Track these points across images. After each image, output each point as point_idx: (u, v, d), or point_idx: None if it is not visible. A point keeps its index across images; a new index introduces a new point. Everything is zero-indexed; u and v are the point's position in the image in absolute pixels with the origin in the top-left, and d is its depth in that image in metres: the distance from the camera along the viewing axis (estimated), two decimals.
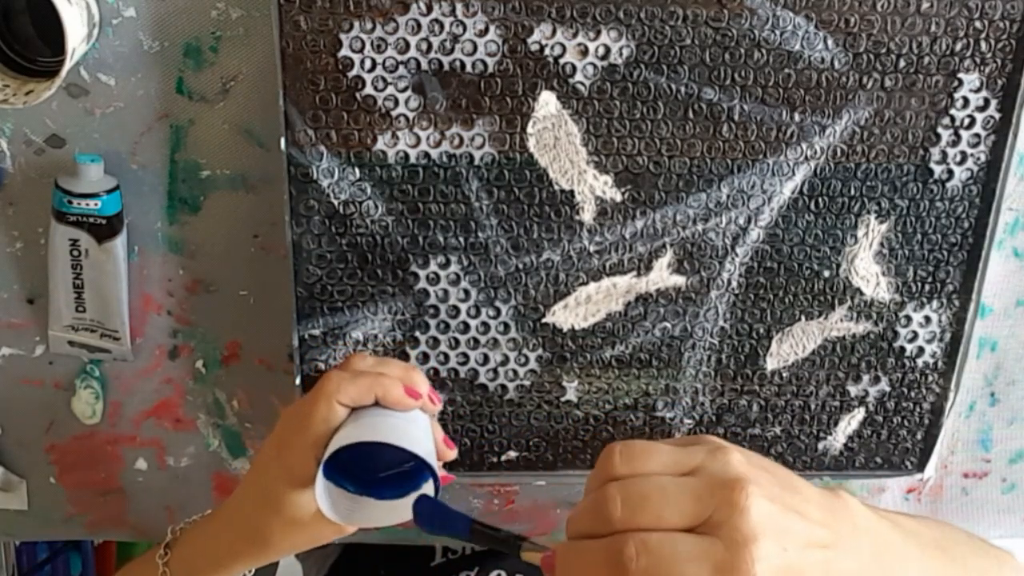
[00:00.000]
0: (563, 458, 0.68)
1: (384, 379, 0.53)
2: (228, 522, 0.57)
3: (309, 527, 0.53)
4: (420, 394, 0.54)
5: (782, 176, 0.61)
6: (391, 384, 0.53)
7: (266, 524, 0.54)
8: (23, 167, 0.61)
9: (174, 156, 0.61)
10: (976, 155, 0.61)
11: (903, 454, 0.69)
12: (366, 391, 0.52)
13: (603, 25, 0.57)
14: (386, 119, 0.58)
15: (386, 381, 0.53)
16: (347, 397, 0.52)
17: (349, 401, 0.52)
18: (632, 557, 0.37)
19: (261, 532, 0.54)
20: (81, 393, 0.67)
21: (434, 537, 0.76)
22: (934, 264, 0.64)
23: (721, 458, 0.39)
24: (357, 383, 0.52)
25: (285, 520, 0.53)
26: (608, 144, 0.60)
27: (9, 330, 0.65)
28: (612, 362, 0.65)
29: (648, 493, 0.38)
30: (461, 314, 0.63)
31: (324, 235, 0.61)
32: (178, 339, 0.66)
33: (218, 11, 0.58)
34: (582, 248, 0.62)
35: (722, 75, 0.58)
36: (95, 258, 0.61)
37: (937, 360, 0.66)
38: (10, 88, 0.56)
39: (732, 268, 0.63)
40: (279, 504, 0.53)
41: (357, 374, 0.53)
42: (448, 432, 0.66)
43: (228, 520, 0.57)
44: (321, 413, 0.51)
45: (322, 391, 0.52)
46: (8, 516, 0.72)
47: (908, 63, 0.59)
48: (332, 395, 0.52)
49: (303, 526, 0.53)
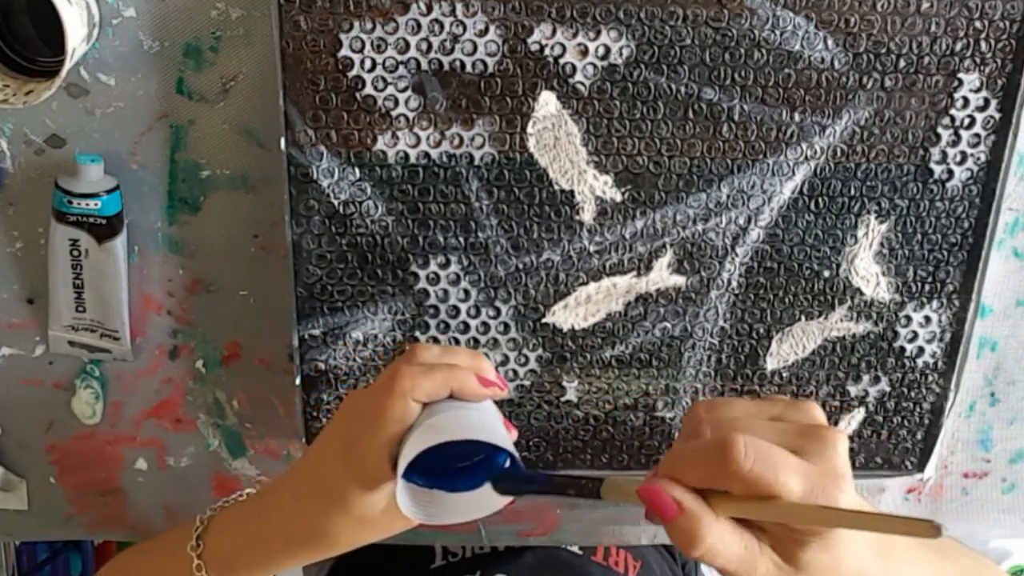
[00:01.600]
0: (563, 458, 0.68)
1: (459, 371, 0.51)
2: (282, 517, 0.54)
3: (379, 524, 0.51)
4: (492, 382, 0.52)
5: (782, 176, 0.61)
6: (466, 376, 0.51)
7: (332, 523, 0.51)
8: (23, 167, 0.61)
9: (174, 156, 0.61)
10: (976, 155, 0.61)
11: (903, 454, 0.69)
12: (442, 385, 0.50)
13: (603, 25, 0.57)
14: (386, 119, 0.58)
15: (460, 374, 0.51)
16: (423, 394, 0.49)
17: (425, 397, 0.50)
18: (741, 452, 0.39)
19: (325, 530, 0.52)
20: (81, 393, 0.67)
21: (434, 537, 0.75)
22: (934, 264, 0.64)
23: (803, 407, 0.45)
24: (432, 378, 0.50)
25: (354, 519, 0.51)
26: (608, 144, 0.60)
27: (9, 330, 0.65)
28: (612, 362, 0.65)
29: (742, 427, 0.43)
30: (461, 314, 0.63)
31: (324, 235, 0.61)
32: (178, 339, 0.66)
33: (218, 11, 0.58)
34: (582, 248, 0.62)
35: (722, 75, 0.58)
36: (95, 258, 0.61)
37: (937, 360, 0.66)
38: (10, 88, 0.56)
39: (732, 268, 0.63)
40: (348, 503, 0.50)
41: (430, 368, 0.50)
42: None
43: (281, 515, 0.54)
44: (396, 412, 0.49)
45: (395, 388, 0.49)
46: (8, 516, 0.72)
47: (908, 63, 0.59)
48: (408, 392, 0.49)
49: (372, 523, 0.51)
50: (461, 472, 0.50)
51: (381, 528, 0.52)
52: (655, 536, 0.76)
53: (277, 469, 0.71)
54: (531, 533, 0.75)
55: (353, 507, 0.50)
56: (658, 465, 0.44)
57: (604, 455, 0.68)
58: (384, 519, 0.51)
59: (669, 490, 0.41)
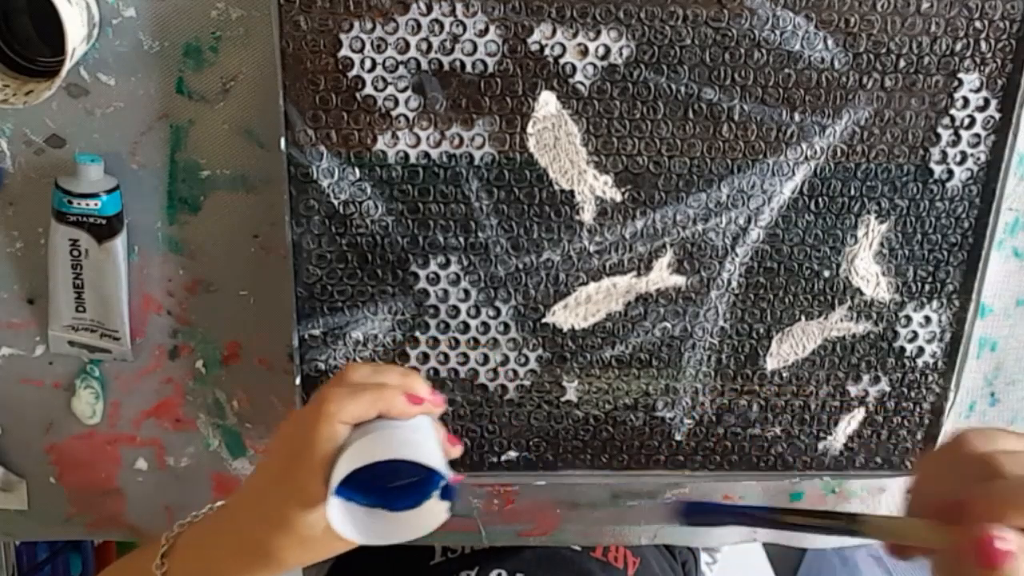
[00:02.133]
0: (563, 458, 0.68)
1: (385, 392, 0.51)
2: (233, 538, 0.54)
3: (321, 543, 0.52)
4: (422, 399, 0.53)
5: (782, 176, 0.61)
6: (392, 396, 0.51)
7: (276, 544, 0.52)
8: (23, 167, 0.61)
9: (174, 156, 0.61)
10: (976, 155, 0.61)
11: (903, 454, 0.69)
12: (368, 407, 0.51)
13: (603, 25, 0.57)
14: (386, 119, 0.58)
15: (387, 394, 0.51)
16: (349, 416, 0.50)
17: (351, 419, 0.50)
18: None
19: (270, 551, 0.52)
20: (81, 393, 0.67)
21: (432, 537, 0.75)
22: (934, 264, 0.64)
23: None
24: (358, 400, 0.50)
25: (296, 540, 0.51)
26: (608, 144, 0.60)
27: (9, 330, 0.65)
28: (612, 362, 0.65)
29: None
30: (461, 314, 0.63)
31: (324, 235, 0.61)
32: (178, 339, 0.66)
33: (218, 11, 0.58)
34: (582, 248, 0.62)
35: (722, 75, 0.58)
36: (95, 258, 0.61)
37: (937, 360, 0.66)
38: (10, 88, 0.56)
39: (732, 268, 0.63)
40: (290, 524, 0.51)
41: (356, 389, 0.51)
42: (448, 432, 0.66)
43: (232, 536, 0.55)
44: (324, 434, 0.49)
45: (321, 412, 0.50)
46: (8, 516, 0.72)
47: (908, 63, 0.59)
48: (334, 416, 0.49)
49: (315, 542, 0.52)
50: (402, 491, 0.51)
51: (324, 548, 0.52)
52: (655, 536, 0.76)
53: None
54: (531, 533, 0.75)
55: (294, 527, 0.51)
56: (946, 504, 0.41)
57: (604, 455, 0.68)
58: (326, 538, 0.51)
59: (1002, 536, 0.39)
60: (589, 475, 0.68)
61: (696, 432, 0.67)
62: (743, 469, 0.69)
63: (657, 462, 0.68)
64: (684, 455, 0.68)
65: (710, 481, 0.71)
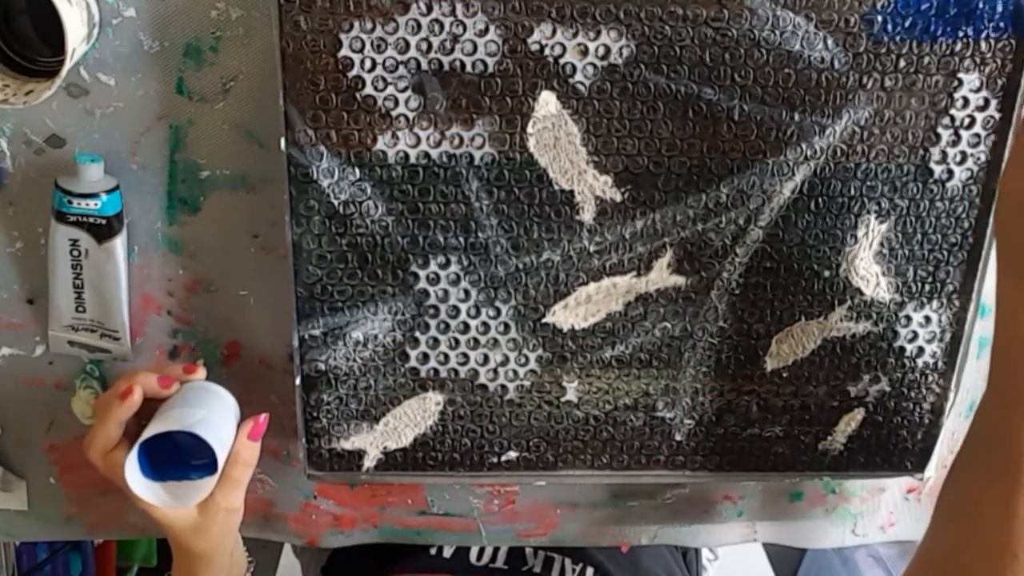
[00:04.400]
0: (563, 458, 0.68)
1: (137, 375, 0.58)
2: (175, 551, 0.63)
3: (203, 522, 0.59)
4: (171, 378, 0.59)
5: (782, 176, 0.61)
6: (145, 378, 0.58)
7: (180, 540, 0.60)
8: (23, 167, 0.61)
9: (174, 156, 0.61)
10: (976, 155, 0.61)
11: (903, 454, 0.69)
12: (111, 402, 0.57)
13: (603, 25, 0.57)
14: (386, 119, 0.58)
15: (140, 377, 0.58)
16: (108, 417, 0.57)
17: (115, 421, 0.57)
18: None
19: (184, 547, 0.61)
20: (81, 393, 0.67)
21: (432, 536, 0.75)
22: (934, 264, 0.64)
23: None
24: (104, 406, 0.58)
25: (180, 530, 0.59)
26: (608, 144, 0.60)
27: (9, 330, 0.66)
28: (612, 362, 0.65)
29: None
30: (461, 314, 0.63)
31: (324, 235, 0.61)
32: (178, 339, 0.66)
33: (218, 11, 0.58)
34: (582, 248, 0.62)
35: (722, 75, 0.58)
36: (95, 258, 0.61)
37: (937, 360, 0.66)
38: (10, 88, 0.56)
39: (732, 268, 0.63)
40: (163, 521, 0.59)
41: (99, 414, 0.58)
42: (448, 432, 0.66)
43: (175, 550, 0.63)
44: (99, 437, 0.57)
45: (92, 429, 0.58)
46: (8, 516, 0.72)
47: (908, 63, 0.59)
48: (87, 449, 0.58)
49: (196, 524, 0.59)
50: (197, 466, 0.59)
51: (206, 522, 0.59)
52: (655, 536, 0.76)
53: (277, 469, 0.71)
54: (531, 533, 0.75)
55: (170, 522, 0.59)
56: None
57: (604, 455, 0.68)
58: (204, 516, 0.59)
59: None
60: (589, 475, 0.68)
61: (696, 432, 0.67)
62: (743, 469, 0.69)
63: (657, 462, 0.68)
64: (684, 455, 0.68)
65: (710, 481, 0.71)
